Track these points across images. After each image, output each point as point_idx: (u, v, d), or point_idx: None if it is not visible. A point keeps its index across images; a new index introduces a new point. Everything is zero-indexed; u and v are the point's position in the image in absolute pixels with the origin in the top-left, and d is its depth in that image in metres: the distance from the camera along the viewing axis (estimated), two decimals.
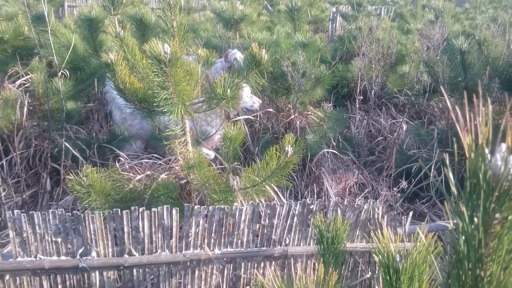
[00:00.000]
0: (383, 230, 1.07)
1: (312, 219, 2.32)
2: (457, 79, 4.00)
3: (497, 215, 0.68)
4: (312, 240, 2.40)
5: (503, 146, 0.68)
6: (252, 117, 4.53)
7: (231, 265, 2.36)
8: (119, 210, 2.08)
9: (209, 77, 3.59)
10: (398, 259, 0.99)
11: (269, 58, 2.84)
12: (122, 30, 2.99)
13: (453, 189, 0.71)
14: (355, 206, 2.33)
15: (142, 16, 4.51)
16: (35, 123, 3.94)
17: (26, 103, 3.70)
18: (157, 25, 4.59)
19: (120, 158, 3.52)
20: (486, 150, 0.66)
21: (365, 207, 2.35)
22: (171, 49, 2.41)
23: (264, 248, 2.33)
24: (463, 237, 0.70)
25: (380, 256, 1.01)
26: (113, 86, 2.84)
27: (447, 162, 0.74)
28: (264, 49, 2.79)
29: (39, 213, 2.04)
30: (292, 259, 2.39)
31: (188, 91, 2.77)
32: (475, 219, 0.69)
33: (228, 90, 2.75)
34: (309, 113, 4.74)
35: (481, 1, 12.59)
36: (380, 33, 5.13)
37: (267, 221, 2.30)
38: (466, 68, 3.93)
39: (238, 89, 2.84)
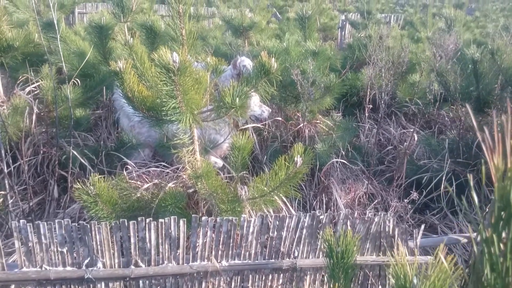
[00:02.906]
0: (399, 248, 1.03)
1: (321, 232, 2.27)
2: (469, 89, 3.95)
3: None
4: (321, 253, 2.36)
5: None
6: (260, 126, 4.50)
7: (239, 277, 2.31)
8: (125, 220, 2.05)
9: (218, 85, 3.58)
10: (415, 281, 0.95)
11: (278, 67, 2.81)
12: (131, 38, 2.98)
13: (478, 213, 0.67)
14: (366, 218, 2.28)
15: (152, 24, 4.51)
16: (44, 130, 3.94)
17: (35, 110, 3.70)
18: (166, 33, 4.60)
19: (128, 166, 3.49)
20: None
21: (376, 219, 2.30)
22: (180, 58, 2.38)
23: (273, 260, 2.28)
24: (490, 265, 0.66)
25: (396, 278, 0.96)
26: (121, 94, 2.82)
27: (471, 183, 0.70)
28: (273, 58, 2.76)
29: (45, 223, 2.02)
30: (300, 272, 2.34)
31: (197, 100, 2.74)
32: (502, 246, 0.65)
33: (237, 99, 2.72)
34: (318, 121, 4.70)
35: (491, 9, 12.52)
36: (390, 41, 5.10)
37: (275, 233, 2.25)
38: (478, 77, 3.88)
39: (247, 98, 2.81)
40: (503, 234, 0.65)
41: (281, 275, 2.34)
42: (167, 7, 10.51)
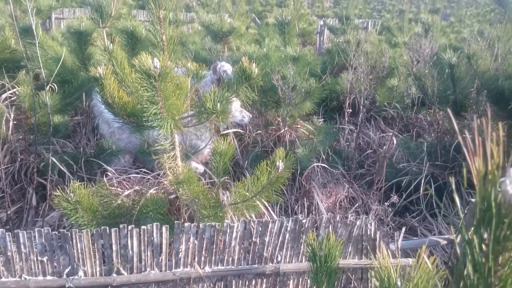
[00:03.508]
0: (382, 251, 1.04)
1: (304, 236, 2.29)
2: (446, 93, 4.03)
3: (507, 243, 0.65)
4: (304, 257, 2.37)
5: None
6: (241, 131, 4.51)
7: (222, 283, 2.31)
8: (107, 228, 2.03)
9: (199, 90, 3.57)
10: (399, 284, 0.97)
11: (259, 72, 2.83)
12: (111, 44, 2.96)
13: (461, 215, 0.68)
14: (348, 222, 2.30)
15: (134, 29, 4.48)
16: (21, 137, 3.87)
17: (11, 117, 3.63)
18: (147, 38, 4.57)
19: (108, 173, 3.45)
20: (497, 177, 0.64)
21: (358, 223, 2.32)
22: (161, 64, 2.38)
23: (256, 265, 2.28)
24: (472, 266, 0.68)
25: (380, 281, 0.98)
26: (101, 100, 2.79)
27: (452, 185, 0.71)
28: (254, 63, 2.77)
29: (25, 231, 1.98)
30: (284, 276, 2.35)
31: (178, 106, 2.73)
32: (484, 247, 0.67)
33: (218, 104, 2.72)
34: (299, 126, 4.73)
35: (466, 14, 12.80)
36: (368, 46, 5.16)
37: (258, 238, 2.26)
38: (455, 81, 3.96)
39: (228, 103, 2.81)
40: (485, 235, 0.66)
41: (265, 280, 2.34)
42: (146, 12, 10.46)
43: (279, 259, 2.32)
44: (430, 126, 5.22)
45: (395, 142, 4.05)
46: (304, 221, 2.29)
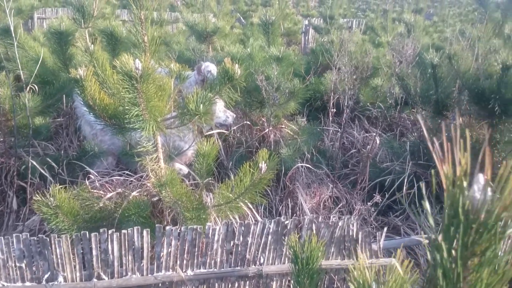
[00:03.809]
0: (360, 252, 1.04)
1: (286, 238, 2.29)
2: (428, 92, 4.06)
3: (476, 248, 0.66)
4: (287, 259, 2.36)
5: (481, 176, 0.66)
6: (225, 131, 4.50)
7: (205, 286, 2.30)
8: (87, 232, 2.01)
9: (182, 91, 3.55)
10: (374, 287, 0.97)
11: (242, 73, 2.82)
12: (92, 44, 2.92)
13: (431, 221, 0.68)
14: (330, 223, 2.31)
15: (113, 29, 4.44)
16: (1, 140, 3.81)
17: None
18: (128, 39, 4.53)
19: (90, 175, 3.42)
20: (465, 183, 0.64)
21: (340, 223, 2.33)
22: (143, 65, 2.36)
23: (238, 268, 2.28)
24: (441, 271, 0.68)
25: (356, 284, 0.98)
26: (82, 102, 2.76)
27: (423, 191, 0.72)
28: (237, 64, 2.76)
29: (2, 237, 1.95)
30: (267, 278, 2.35)
31: (160, 107, 2.71)
32: (453, 252, 0.67)
33: (201, 105, 2.71)
34: (283, 126, 4.73)
35: (449, 14, 12.93)
36: (351, 46, 5.18)
37: (241, 240, 2.25)
38: (437, 81, 3.99)
39: (211, 105, 2.80)
40: (454, 241, 0.66)
41: (248, 282, 2.34)
42: (129, 12, 10.37)
43: (262, 261, 2.32)
44: (413, 126, 5.27)
45: (378, 141, 4.07)
46: (286, 222, 2.29)
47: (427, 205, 0.71)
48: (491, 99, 3.51)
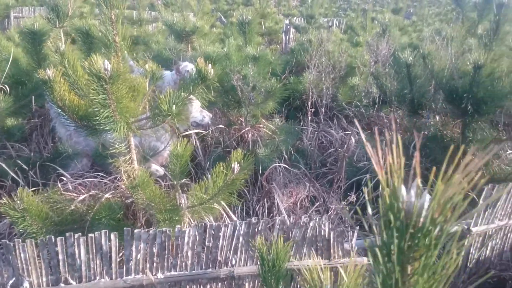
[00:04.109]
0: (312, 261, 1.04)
1: (253, 240, 2.27)
2: (403, 91, 4.09)
3: (413, 254, 0.65)
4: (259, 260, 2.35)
5: (418, 181, 0.66)
6: (203, 131, 4.47)
7: None
8: (52, 237, 1.97)
9: (162, 91, 3.51)
10: None
11: (215, 73, 2.80)
12: (63, 44, 2.87)
13: (373, 225, 0.68)
14: (301, 223, 2.30)
15: (89, 28, 4.37)
16: None
17: None
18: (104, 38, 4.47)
19: (63, 177, 3.36)
20: (403, 188, 0.64)
21: (311, 224, 2.33)
22: (112, 66, 2.32)
23: (210, 269, 2.26)
24: (380, 278, 0.67)
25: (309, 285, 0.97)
26: (51, 104, 2.72)
27: (366, 195, 0.71)
28: (210, 64, 2.74)
29: None
30: (239, 279, 2.33)
31: (132, 108, 2.68)
32: (393, 258, 0.67)
33: (174, 106, 2.68)
34: (262, 126, 4.72)
35: (427, 13, 13.06)
36: (330, 45, 5.20)
37: (211, 242, 2.23)
38: (412, 80, 4.02)
39: (184, 105, 2.78)
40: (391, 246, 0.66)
41: (220, 284, 2.32)
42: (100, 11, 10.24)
43: (233, 262, 2.31)
44: (391, 124, 5.30)
45: (353, 140, 4.09)
46: (257, 224, 2.28)
47: (369, 209, 0.71)
48: (464, 98, 3.55)
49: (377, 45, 4.00)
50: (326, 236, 2.38)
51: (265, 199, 3.77)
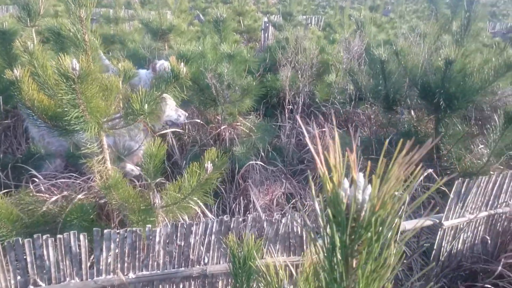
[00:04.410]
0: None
1: (224, 238, 2.27)
2: (377, 88, 4.13)
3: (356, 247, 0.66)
4: None
5: (360, 176, 0.67)
6: (180, 130, 4.45)
7: None
8: (19, 239, 1.94)
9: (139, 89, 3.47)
10: (285, 286, 0.97)
11: (190, 72, 2.79)
12: (32, 44, 2.83)
13: (320, 221, 0.68)
14: (273, 220, 2.31)
15: (61, 28, 4.31)
16: None
17: None
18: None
19: (35, 179, 3.31)
20: (343, 183, 0.64)
21: (283, 221, 2.34)
22: (81, 65, 2.29)
23: (182, 268, 2.25)
24: (324, 273, 0.68)
25: (266, 283, 0.98)
26: (20, 104, 2.67)
27: (313, 192, 0.71)
28: (183, 63, 2.73)
29: None
30: (212, 278, 2.33)
31: (103, 108, 2.65)
32: (337, 253, 0.67)
33: (146, 105, 2.67)
34: (239, 124, 4.72)
35: (405, 11, 13.21)
36: (306, 43, 5.22)
37: (183, 241, 2.22)
38: (386, 77, 4.06)
39: (156, 104, 2.76)
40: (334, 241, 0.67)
41: (193, 282, 2.31)
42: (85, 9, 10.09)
43: (206, 260, 2.30)
44: (367, 121, 5.34)
45: (328, 137, 4.11)
46: (229, 221, 2.28)
47: (316, 205, 0.71)
48: (436, 93, 3.60)
49: (349, 41, 4.02)
50: (299, 232, 2.39)
51: (242, 197, 3.77)
